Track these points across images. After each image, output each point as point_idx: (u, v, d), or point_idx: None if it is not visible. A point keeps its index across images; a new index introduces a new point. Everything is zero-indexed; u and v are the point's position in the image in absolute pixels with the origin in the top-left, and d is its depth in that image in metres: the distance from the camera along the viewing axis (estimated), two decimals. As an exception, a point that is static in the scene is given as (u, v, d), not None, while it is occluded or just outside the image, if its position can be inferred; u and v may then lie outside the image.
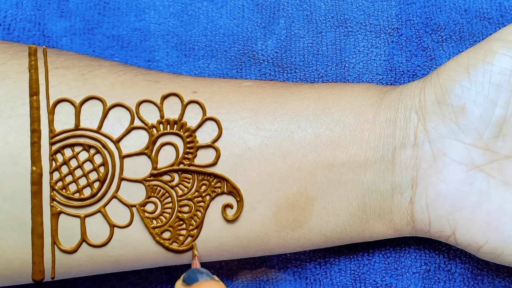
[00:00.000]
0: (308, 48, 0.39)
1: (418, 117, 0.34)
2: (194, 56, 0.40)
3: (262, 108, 0.34)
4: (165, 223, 0.34)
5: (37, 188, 0.32)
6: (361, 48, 0.39)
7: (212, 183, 0.34)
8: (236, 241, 0.34)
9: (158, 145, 0.34)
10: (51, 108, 0.33)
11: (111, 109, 0.33)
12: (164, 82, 0.35)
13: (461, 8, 0.39)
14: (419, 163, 0.33)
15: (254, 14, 0.40)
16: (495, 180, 0.33)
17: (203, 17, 0.40)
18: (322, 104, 0.35)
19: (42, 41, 0.39)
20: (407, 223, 0.35)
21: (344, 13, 0.39)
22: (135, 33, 0.40)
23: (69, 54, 0.36)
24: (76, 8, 0.40)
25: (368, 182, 0.34)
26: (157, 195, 0.34)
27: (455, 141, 0.33)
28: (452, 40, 0.39)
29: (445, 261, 0.38)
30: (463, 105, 0.33)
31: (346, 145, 0.34)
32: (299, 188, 0.34)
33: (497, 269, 0.38)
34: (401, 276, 0.38)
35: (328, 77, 0.39)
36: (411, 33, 0.39)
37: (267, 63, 0.39)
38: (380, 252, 0.38)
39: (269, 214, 0.34)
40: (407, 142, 0.34)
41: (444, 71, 0.34)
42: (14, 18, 0.39)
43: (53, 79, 0.34)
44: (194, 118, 0.34)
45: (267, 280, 0.39)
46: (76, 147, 0.33)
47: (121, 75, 0.35)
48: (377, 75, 0.39)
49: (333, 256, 0.39)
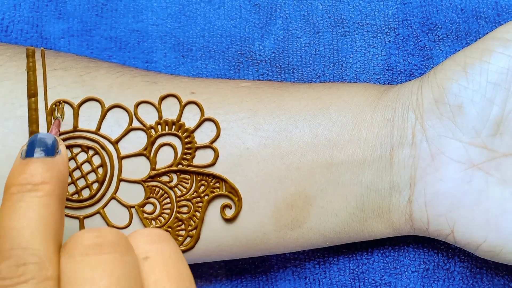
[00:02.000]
0: (305, 48, 0.39)
1: (415, 116, 0.34)
2: (192, 57, 0.40)
3: (260, 108, 0.34)
4: (164, 223, 0.34)
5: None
6: (358, 48, 0.39)
7: (210, 184, 0.34)
8: (235, 241, 0.34)
9: (157, 146, 0.34)
10: (49, 109, 0.33)
11: (109, 110, 0.33)
12: (162, 83, 0.35)
13: (457, 7, 0.39)
14: (417, 162, 0.34)
15: (252, 14, 0.40)
16: (493, 178, 0.33)
17: (200, 18, 0.40)
18: (320, 104, 0.35)
19: (40, 43, 0.39)
20: (406, 222, 0.35)
21: (341, 13, 0.39)
22: (133, 35, 0.40)
23: (67, 56, 0.36)
24: (74, 9, 0.40)
25: (367, 181, 0.34)
26: (156, 196, 0.34)
27: (452, 139, 0.33)
28: (449, 39, 0.39)
29: (444, 259, 0.38)
30: (461, 104, 0.33)
31: (344, 145, 0.34)
32: (297, 188, 0.34)
33: (496, 267, 0.38)
34: (400, 275, 0.38)
35: (325, 77, 0.39)
36: (408, 33, 0.39)
37: (265, 63, 0.39)
38: (379, 251, 0.38)
39: (268, 214, 0.34)
40: (405, 141, 0.34)
41: (441, 70, 0.34)
42: (12, 20, 0.39)
43: (51, 81, 0.34)
44: (192, 118, 0.34)
45: (266, 280, 0.39)
46: (74, 148, 0.33)
47: (119, 76, 0.35)
48: (375, 75, 0.39)
49: (332, 255, 0.39)
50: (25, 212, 0.25)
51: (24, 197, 0.25)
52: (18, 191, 0.25)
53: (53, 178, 0.26)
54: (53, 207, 0.25)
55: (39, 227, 0.24)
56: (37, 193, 0.25)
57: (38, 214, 0.25)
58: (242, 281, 0.39)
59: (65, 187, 0.27)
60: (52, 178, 0.26)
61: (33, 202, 0.25)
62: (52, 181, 0.26)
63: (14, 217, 0.25)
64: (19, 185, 0.25)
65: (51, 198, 0.25)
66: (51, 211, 0.25)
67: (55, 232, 0.25)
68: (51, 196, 0.25)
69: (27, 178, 0.25)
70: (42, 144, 0.27)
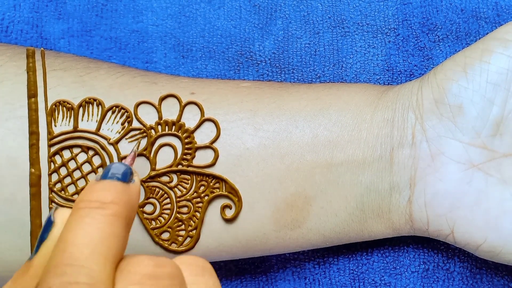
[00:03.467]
0: (305, 49, 0.39)
1: (415, 116, 0.34)
2: (192, 58, 0.40)
3: (260, 108, 0.34)
4: (164, 224, 0.34)
5: (35, 190, 0.32)
6: (358, 48, 0.39)
7: (210, 184, 0.34)
8: (235, 241, 0.34)
9: (157, 147, 0.34)
10: (49, 110, 0.33)
11: (109, 110, 0.33)
12: (162, 84, 0.35)
13: (457, 7, 0.39)
14: (417, 162, 0.34)
15: (252, 15, 0.40)
16: (493, 179, 0.33)
17: (200, 18, 0.40)
18: (319, 104, 0.35)
19: (40, 43, 0.39)
20: (406, 222, 0.35)
21: (341, 14, 0.39)
22: (133, 35, 0.40)
23: (67, 56, 0.36)
24: (74, 10, 0.40)
25: (366, 181, 0.34)
26: (156, 196, 0.34)
27: (452, 140, 0.33)
28: (449, 40, 0.39)
29: (444, 260, 0.38)
30: (460, 104, 0.33)
31: (344, 145, 0.34)
32: (297, 188, 0.34)
33: (496, 268, 0.38)
34: (400, 276, 0.38)
35: (325, 78, 0.39)
36: (408, 33, 0.39)
37: (265, 64, 0.39)
38: (379, 252, 0.38)
39: (267, 214, 0.34)
40: (405, 142, 0.34)
41: (441, 71, 0.34)
42: (12, 20, 0.39)
43: (51, 81, 0.34)
44: (192, 119, 0.34)
45: (266, 280, 0.39)
46: (74, 148, 0.33)
47: (119, 76, 0.35)
48: (375, 75, 0.39)
49: (332, 255, 0.39)
50: (88, 228, 0.24)
51: (91, 213, 0.24)
52: (86, 206, 0.25)
53: (123, 201, 0.25)
54: (118, 228, 0.24)
55: (100, 247, 0.23)
56: (104, 211, 0.24)
57: (102, 233, 0.24)
58: (242, 281, 0.39)
59: (134, 214, 0.26)
60: (122, 200, 0.25)
61: (98, 220, 0.24)
62: (121, 203, 0.25)
63: (77, 232, 0.24)
64: (88, 201, 0.25)
65: (117, 219, 0.25)
66: (115, 232, 0.24)
67: (116, 254, 0.24)
68: (118, 217, 0.25)
69: (97, 196, 0.25)
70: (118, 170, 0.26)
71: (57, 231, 0.25)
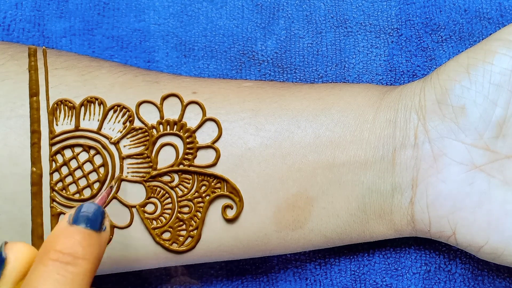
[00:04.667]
0: (307, 49, 0.39)
1: (418, 117, 0.34)
2: (194, 57, 0.40)
3: (262, 108, 0.34)
4: (165, 223, 0.34)
5: (37, 189, 0.32)
6: (361, 49, 0.39)
7: (212, 184, 0.34)
8: (236, 241, 0.34)
9: (158, 146, 0.34)
10: (51, 109, 0.33)
11: (110, 109, 0.33)
12: (164, 83, 0.35)
13: (460, 8, 0.39)
14: (419, 163, 0.33)
15: (254, 14, 0.40)
16: (495, 180, 0.33)
17: (202, 17, 0.40)
18: (322, 104, 0.35)
19: (42, 42, 0.39)
20: (407, 224, 0.34)
21: (343, 14, 0.39)
22: (135, 34, 0.40)
23: (69, 55, 0.36)
24: (76, 8, 0.40)
25: (368, 182, 0.34)
26: (157, 196, 0.34)
27: (455, 141, 0.33)
28: (452, 40, 0.39)
29: (446, 261, 0.38)
30: (463, 105, 0.33)
31: (346, 146, 0.34)
32: (299, 188, 0.34)
33: (498, 270, 0.38)
34: (401, 277, 0.38)
35: (328, 78, 0.39)
36: (411, 33, 0.39)
37: (267, 63, 0.39)
38: (380, 253, 0.38)
39: (269, 215, 0.34)
40: (407, 142, 0.34)
41: (444, 71, 0.34)
42: (14, 18, 0.39)
43: (53, 80, 0.34)
44: (194, 118, 0.34)
45: (267, 281, 0.39)
46: (76, 148, 0.33)
47: (120, 75, 0.35)
48: (377, 75, 0.39)
49: (333, 256, 0.39)
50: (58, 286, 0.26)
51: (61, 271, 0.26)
52: (58, 260, 0.26)
53: (93, 255, 0.27)
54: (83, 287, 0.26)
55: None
56: (75, 268, 0.26)
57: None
58: (242, 281, 0.39)
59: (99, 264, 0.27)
60: (92, 255, 0.27)
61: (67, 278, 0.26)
62: (91, 258, 0.27)
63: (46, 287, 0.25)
64: (61, 253, 0.26)
65: (84, 277, 0.26)
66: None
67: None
68: (86, 275, 0.26)
69: (70, 248, 0.26)
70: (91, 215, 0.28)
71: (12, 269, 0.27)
